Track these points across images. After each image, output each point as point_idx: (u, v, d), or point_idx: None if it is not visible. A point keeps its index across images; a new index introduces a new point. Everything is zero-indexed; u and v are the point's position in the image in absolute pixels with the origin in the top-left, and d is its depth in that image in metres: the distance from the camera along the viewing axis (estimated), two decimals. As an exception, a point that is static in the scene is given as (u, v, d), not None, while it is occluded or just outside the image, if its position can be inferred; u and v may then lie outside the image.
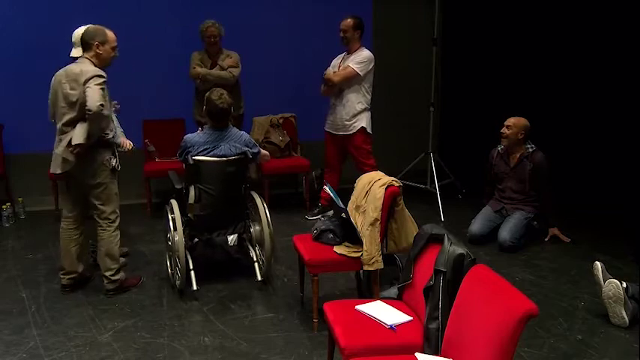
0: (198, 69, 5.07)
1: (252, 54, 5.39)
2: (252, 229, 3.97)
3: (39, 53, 5.25)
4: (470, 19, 6.16)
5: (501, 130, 4.58)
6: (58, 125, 3.56)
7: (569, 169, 5.15)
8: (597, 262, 3.40)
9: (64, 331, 3.26)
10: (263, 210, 3.88)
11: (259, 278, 3.81)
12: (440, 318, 2.29)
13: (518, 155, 4.61)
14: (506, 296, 1.96)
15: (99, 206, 3.66)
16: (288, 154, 5.74)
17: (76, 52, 3.75)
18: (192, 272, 3.71)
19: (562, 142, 5.18)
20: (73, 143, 3.43)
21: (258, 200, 3.94)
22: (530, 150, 4.58)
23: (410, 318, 2.53)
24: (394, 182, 3.28)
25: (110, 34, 3.60)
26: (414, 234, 2.95)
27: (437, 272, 2.36)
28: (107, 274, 3.70)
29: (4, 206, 5.14)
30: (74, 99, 3.45)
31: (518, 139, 4.55)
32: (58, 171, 3.57)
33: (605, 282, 3.33)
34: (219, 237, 3.83)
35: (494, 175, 4.78)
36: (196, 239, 3.87)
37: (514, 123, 4.54)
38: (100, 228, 3.69)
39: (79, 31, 3.73)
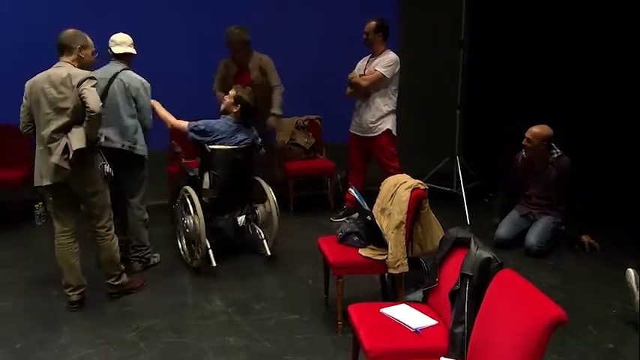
0: (218, 93, 5.17)
1: (277, 56, 5.40)
2: (257, 211, 4.37)
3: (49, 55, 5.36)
4: (496, 21, 6.09)
5: (523, 142, 4.51)
6: (44, 133, 3.32)
7: (596, 171, 5.05)
8: (630, 269, 3.33)
9: (92, 329, 3.31)
10: (270, 193, 4.31)
11: (269, 253, 4.26)
12: (466, 322, 2.27)
13: (543, 161, 4.54)
14: (534, 302, 1.93)
15: (96, 215, 3.55)
16: (313, 156, 5.75)
17: (121, 49, 3.88)
18: (210, 250, 4.01)
19: (589, 144, 5.09)
20: (74, 149, 3.23)
21: (264, 184, 4.35)
22: (556, 155, 4.50)
23: (435, 322, 2.51)
24: (420, 185, 3.26)
25: (89, 38, 3.51)
26: (440, 237, 2.93)
27: (463, 276, 2.34)
28: (110, 280, 3.68)
29: (36, 205, 5.24)
30: (63, 104, 3.28)
31: (540, 149, 4.47)
32: (49, 182, 3.36)
33: (639, 289, 3.25)
34: (229, 219, 4.23)
35: (520, 180, 4.71)
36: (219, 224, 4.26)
37: (533, 135, 4.42)
38: (98, 238, 3.59)
39: (121, 37, 3.84)
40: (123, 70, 3.91)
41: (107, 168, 3.50)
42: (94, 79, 3.34)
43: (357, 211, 3.64)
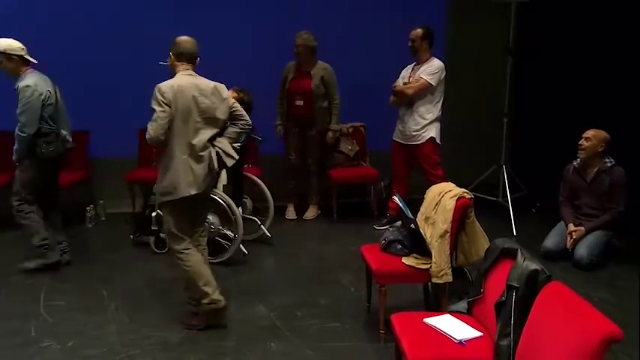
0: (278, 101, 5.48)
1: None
2: (246, 201, 4.94)
3: (124, 62, 5.53)
4: (546, 28, 5.96)
5: (579, 143, 4.40)
6: (195, 141, 3.26)
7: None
8: None
9: (139, 330, 3.39)
10: (261, 182, 4.96)
11: (268, 234, 4.88)
12: (512, 335, 2.22)
13: (595, 170, 4.41)
14: (586, 317, 1.87)
15: (202, 222, 3.60)
16: (357, 164, 5.75)
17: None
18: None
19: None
20: (236, 158, 3.40)
21: (253, 175, 4.99)
22: (609, 164, 4.36)
23: (480, 333, 2.47)
24: (465, 194, 3.22)
25: None
26: (485, 247, 2.89)
27: (509, 288, 2.29)
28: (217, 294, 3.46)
29: (87, 208, 5.41)
30: (215, 114, 3.32)
31: (597, 151, 4.34)
32: (196, 191, 3.29)
33: None
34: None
35: (571, 190, 4.58)
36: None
37: (594, 135, 4.34)
38: (199, 245, 3.54)
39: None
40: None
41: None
42: None
43: (401, 219, 3.62)
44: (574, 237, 4.38)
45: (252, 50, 5.78)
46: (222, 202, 4.38)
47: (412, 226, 3.32)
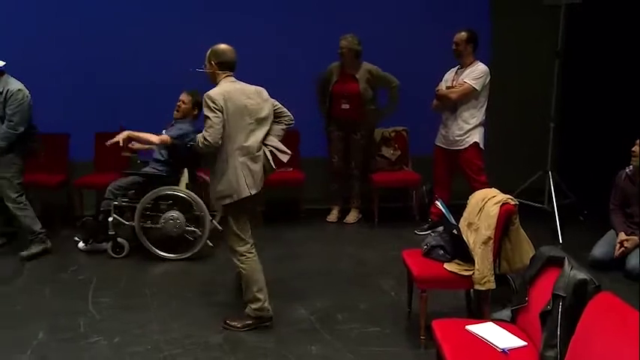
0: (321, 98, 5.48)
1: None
2: None
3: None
4: (596, 30, 5.80)
5: (632, 149, 4.25)
6: (250, 143, 3.38)
7: None
8: None
9: (181, 329, 3.45)
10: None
11: (219, 228, 4.66)
12: (558, 346, 2.16)
13: (649, 177, 4.26)
14: None
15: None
16: (399, 168, 5.71)
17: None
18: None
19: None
20: (289, 153, 3.55)
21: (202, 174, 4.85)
22: (664, 171, 4.21)
23: (524, 343, 2.41)
24: (510, 200, 3.16)
25: None
26: (530, 255, 2.83)
27: (555, 297, 2.23)
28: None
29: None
30: (262, 114, 3.46)
31: None
32: (256, 191, 3.40)
33: None
34: None
35: (622, 198, 4.43)
36: None
37: None
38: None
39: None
40: None
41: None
42: None
43: (443, 224, 3.58)
44: (625, 246, 4.23)
45: (293, 52, 5.82)
46: (189, 199, 4.53)
47: (455, 231, 3.28)
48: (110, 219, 4.54)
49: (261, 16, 5.78)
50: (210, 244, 4.70)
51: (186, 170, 4.63)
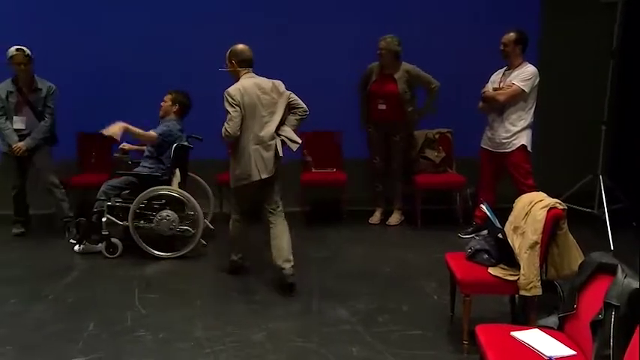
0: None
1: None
2: None
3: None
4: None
5: None
6: (263, 133, 3.88)
7: None
8: None
9: (223, 327, 3.50)
10: (201, 179, 5.17)
11: (211, 226, 5.03)
12: (611, 358, 2.08)
13: None
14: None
15: (277, 199, 4.09)
16: (443, 170, 5.64)
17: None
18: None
19: None
20: (299, 142, 4.01)
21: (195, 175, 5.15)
22: None
23: (573, 352, 2.34)
24: (558, 204, 3.07)
25: None
26: (579, 261, 2.76)
27: (608, 306, 2.16)
28: (287, 266, 3.97)
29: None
30: (277, 107, 3.93)
31: None
32: (267, 175, 3.91)
33: None
34: None
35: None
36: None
37: None
38: (277, 219, 4.07)
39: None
40: None
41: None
42: None
43: (488, 228, 3.51)
44: None
45: (336, 53, 5.83)
46: (183, 198, 4.60)
47: (500, 235, 3.21)
48: (104, 219, 4.57)
49: (304, 18, 5.81)
50: (204, 242, 4.76)
51: (178, 170, 4.69)
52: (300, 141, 4.05)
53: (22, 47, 4.91)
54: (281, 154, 3.95)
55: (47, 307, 3.79)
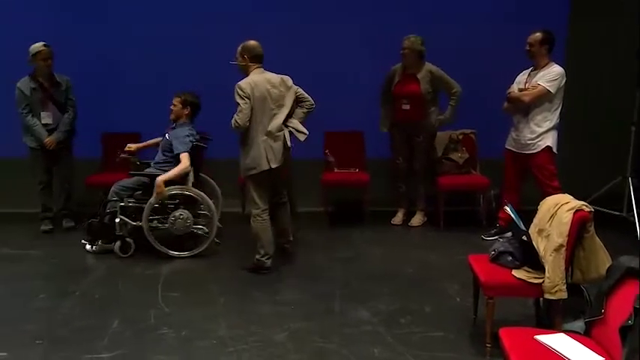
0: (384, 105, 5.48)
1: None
2: None
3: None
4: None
5: None
6: (272, 125, 4.10)
7: None
8: None
9: (246, 326, 3.51)
10: (211, 179, 5.08)
11: (219, 225, 4.86)
12: (642, 365, 2.04)
13: None
14: None
15: (281, 188, 4.43)
16: (467, 171, 5.60)
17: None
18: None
19: None
20: (306, 133, 4.19)
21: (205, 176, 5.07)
22: None
23: (601, 358, 2.29)
24: (584, 207, 3.03)
25: None
26: (607, 265, 2.71)
27: (638, 312, 2.11)
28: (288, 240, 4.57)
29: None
30: (284, 101, 4.16)
31: None
32: (277, 164, 4.14)
33: None
34: None
35: None
36: None
37: None
38: (282, 206, 4.47)
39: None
40: None
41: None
42: None
43: (512, 230, 3.47)
44: None
45: (358, 53, 5.82)
46: (199, 198, 4.64)
47: (524, 237, 3.17)
48: (117, 220, 4.57)
49: (327, 18, 5.81)
50: (217, 241, 4.78)
51: (192, 170, 4.68)
52: (307, 132, 4.23)
53: (45, 43, 5.03)
54: (289, 144, 4.17)
55: (74, 303, 3.86)
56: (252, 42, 4.21)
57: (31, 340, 3.31)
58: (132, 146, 4.83)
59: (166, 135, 4.76)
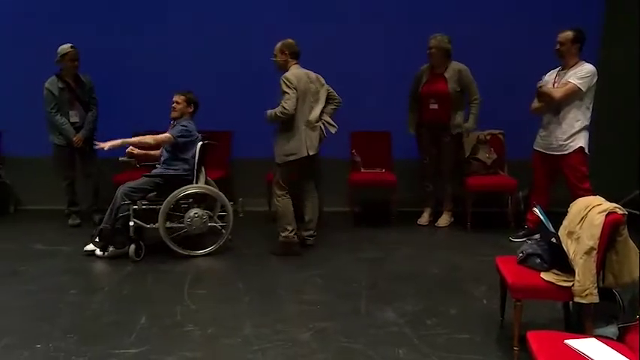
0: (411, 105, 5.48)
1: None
2: None
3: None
4: None
5: None
6: (312, 116, 4.53)
7: None
8: None
9: (271, 325, 3.52)
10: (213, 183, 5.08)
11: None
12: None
13: None
14: None
15: (311, 176, 4.74)
16: (494, 172, 5.53)
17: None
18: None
19: None
20: (336, 127, 4.66)
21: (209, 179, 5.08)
22: None
23: (634, 364, 2.25)
24: (617, 209, 2.95)
25: None
26: (641, 269, 2.63)
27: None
28: (312, 231, 4.82)
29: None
30: (319, 96, 4.59)
31: None
32: (313, 152, 4.54)
33: None
34: None
35: None
36: None
37: None
38: (312, 195, 4.77)
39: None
40: None
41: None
42: None
43: (540, 232, 3.42)
44: None
45: (385, 54, 5.80)
46: (215, 196, 4.76)
47: (553, 240, 3.12)
48: (131, 223, 4.50)
49: (356, 19, 5.81)
50: (230, 236, 4.80)
51: (203, 168, 4.78)
52: (337, 126, 4.68)
53: (72, 45, 5.19)
54: (325, 134, 4.63)
55: (103, 299, 3.92)
56: (291, 40, 4.58)
57: (62, 334, 3.38)
58: (134, 150, 4.80)
59: (165, 133, 4.75)
